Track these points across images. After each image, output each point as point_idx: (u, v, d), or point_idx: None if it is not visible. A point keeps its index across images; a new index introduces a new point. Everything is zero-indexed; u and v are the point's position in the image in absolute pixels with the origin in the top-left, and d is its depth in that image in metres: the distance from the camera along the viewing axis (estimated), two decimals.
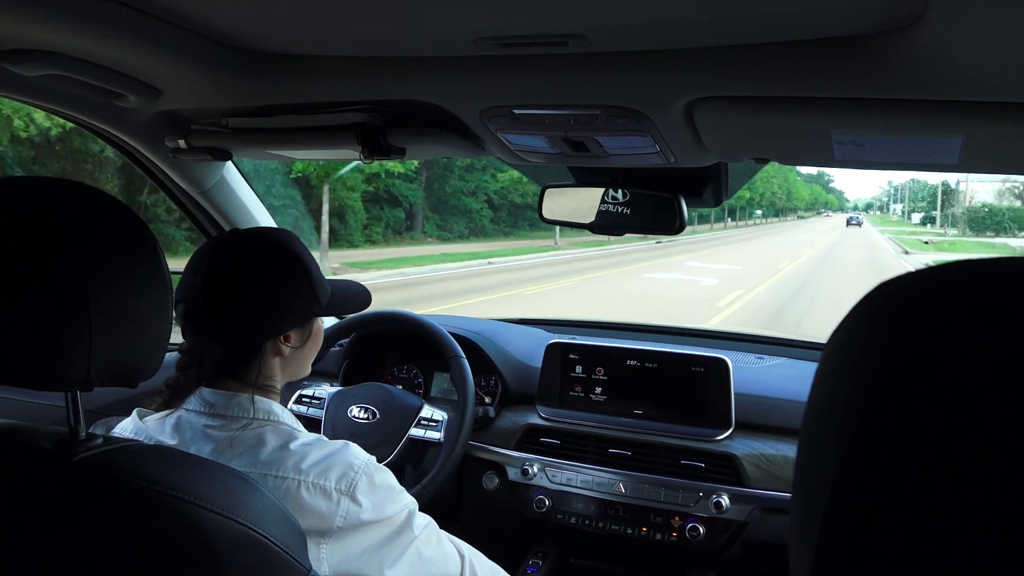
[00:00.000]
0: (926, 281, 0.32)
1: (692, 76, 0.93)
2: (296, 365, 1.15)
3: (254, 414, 1.02)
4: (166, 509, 0.69)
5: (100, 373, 0.72)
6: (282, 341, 1.08)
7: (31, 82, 1.13)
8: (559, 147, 1.22)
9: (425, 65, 1.03)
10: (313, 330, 1.15)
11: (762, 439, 1.65)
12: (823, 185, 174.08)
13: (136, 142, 1.51)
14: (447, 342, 1.77)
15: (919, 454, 0.28)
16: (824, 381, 0.35)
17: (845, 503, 0.30)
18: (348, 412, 1.74)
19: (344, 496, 0.96)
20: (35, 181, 0.74)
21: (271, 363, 1.09)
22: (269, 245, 1.08)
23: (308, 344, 1.15)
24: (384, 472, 1.04)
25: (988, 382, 0.27)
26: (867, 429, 0.29)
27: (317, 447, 0.99)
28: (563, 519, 1.72)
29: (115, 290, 0.72)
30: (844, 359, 0.33)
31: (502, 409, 1.89)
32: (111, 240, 0.74)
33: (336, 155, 1.44)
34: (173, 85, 1.18)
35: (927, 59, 0.78)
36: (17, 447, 0.74)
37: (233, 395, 1.03)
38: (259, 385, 1.06)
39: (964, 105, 0.87)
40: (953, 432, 0.27)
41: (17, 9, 0.87)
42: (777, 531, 1.56)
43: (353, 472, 0.98)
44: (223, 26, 0.98)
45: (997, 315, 0.28)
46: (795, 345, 2.11)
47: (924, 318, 0.30)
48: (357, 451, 1.03)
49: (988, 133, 0.95)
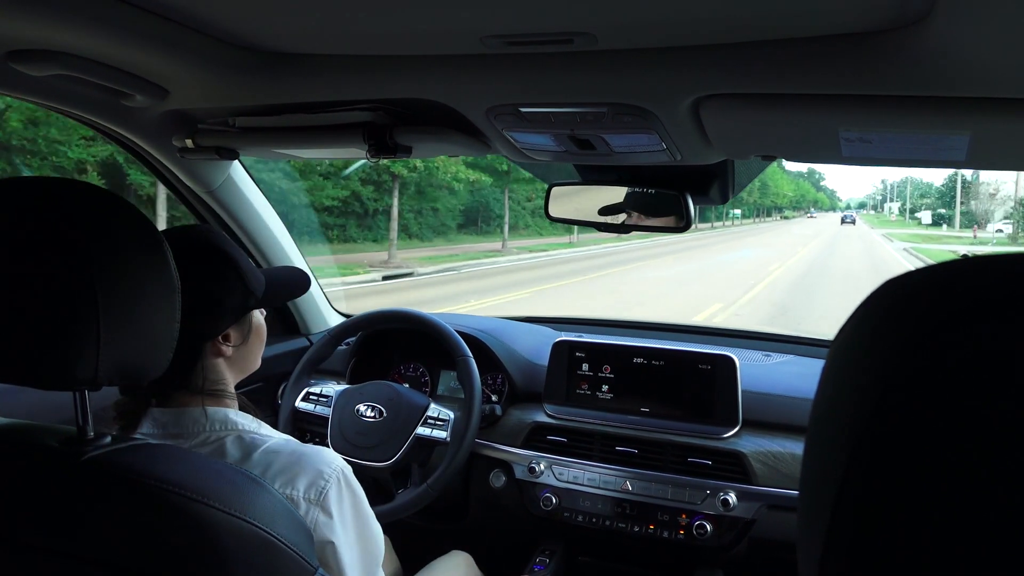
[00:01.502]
0: (935, 278, 0.32)
1: (699, 73, 0.93)
2: (244, 362, 1.09)
3: (210, 427, 0.98)
4: (174, 508, 0.69)
5: (108, 372, 0.72)
6: (221, 342, 1.02)
7: (39, 82, 1.14)
8: (565, 145, 1.22)
9: (431, 64, 1.03)
10: (253, 324, 1.09)
11: (769, 436, 1.64)
12: (813, 183, 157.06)
13: (143, 141, 1.52)
14: (454, 341, 1.78)
15: (927, 452, 0.28)
16: (831, 378, 0.35)
17: (852, 501, 0.30)
18: (355, 410, 1.75)
19: (314, 506, 0.91)
20: (44, 181, 0.74)
21: (215, 366, 1.03)
22: (187, 244, 1.00)
23: (251, 339, 1.08)
24: (357, 487, 0.99)
25: (997, 381, 0.27)
26: (874, 427, 0.29)
27: (284, 453, 0.94)
28: (570, 517, 1.72)
29: (123, 290, 0.73)
30: (851, 356, 0.33)
31: (509, 407, 1.89)
32: (119, 240, 0.74)
33: (343, 154, 1.44)
34: (180, 85, 1.18)
35: (935, 56, 0.78)
36: (25, 446, 0.75)
37: (183, 410, 0.98)
38: (208, 392, 1.01)
39: (972, 101, 0.87)
40: (961, 431, 0.27)
41: (26, 9, 0.87)
42: (784, 529, 1.56)
43: (323, 480, 0.93)
44: (230, 26, 0.99)
45: (1007, 312, 0.28)
46: (802, 342, 2.11)
47: (933, 315, 0.30)
48: (329, 456, 0.97)
49: (996, 129, 0.94)
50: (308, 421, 1.85)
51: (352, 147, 1.29)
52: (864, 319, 0.34)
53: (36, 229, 0.70)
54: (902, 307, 0.32)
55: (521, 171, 9.62)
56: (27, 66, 1.03)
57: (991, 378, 0.27)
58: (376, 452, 1.69)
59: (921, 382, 0.28)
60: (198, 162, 1.63)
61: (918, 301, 0.31)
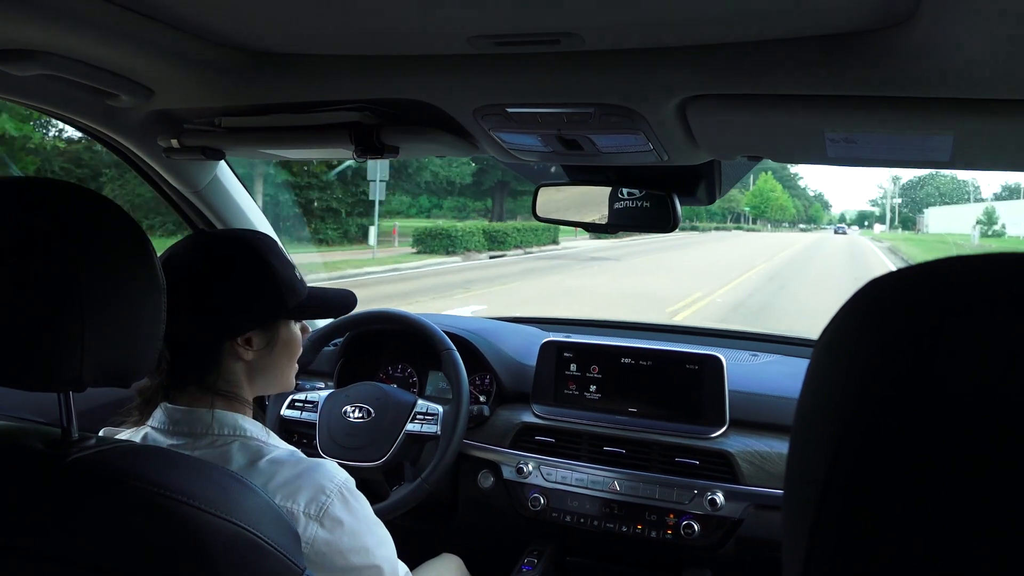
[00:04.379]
0: (920, 278, 0.32)
1: (685, 74, 0.93)
2: (267, 375, 1.07)
3: (218, 429, 0.97)
4: (160, 509, 0.69)
5: (93, 373, 0.72)
6: (241, 344, 1.01)
7: (22, 82, 1.12)
8: (552, 145, 1.22)
9: (419, 64, 1.03)
10: (282, 335, 1.07)
11: (756, 436, 1.65)
12: (792, 186, 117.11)
13: (129, 142, 1.50)
14: (437, 336, 1.77)
15: (910, 451, 0.28)
16: (815, 377, 0.35)
17: (836, 499, 0.30)
18: (342, 412, 1.74)
19: (313, 521, 0.90)
20: (28, 181, 0.73)
21: (232, 368, 1.02)
22: (229, 243, 1.03)
23: (278, 350, 1.07)
24: (361, 497, 0.98)
25: (981, 379, 0.27)
26: (857, 425, 0.29)
27: (287, 465, 0.93)
28: (558, 517, 1.72)
29: (108, 290, 0.72)
30: (835, 355, 0.33)
31: (497, 407, 1.89)
32: (104, 240, 0.73)
33: (330, 154, 1.44)
34: (165, 85, 1.18)
35: (919, 57, 0.78)
36: (9, 448, 0.74)
37: (193, 410, 0.98)
38: (220, 391, 1.00)
39: (955, 102, 0.87)
40: (944, 429, 0.27)
41: (9, 9, 0.87)
42: (772, 528, 1.56)
43: (324, 496, 0.92)
44: (216, 26, 0.98)
45: (990, 311, 0.28)
46: (789, 342, 2.12)
47: (917, 314, 0.30)
48: (332, 471, 0.95)
49: (979, 130, 0.95)
50: (295, 427, 1.84)
51: (339, 147, 1.29)
52: (848, 318, 0.34)
53: (20, 229, 0.69)
54: (885, 306, 0.32)
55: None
56: (10, 66, 1.02)
57: (975, 376, 0.27)
58: (367, 452, 1.68)
59: (904, 380, 0.29)
60: (184, 162, 1.62)
61: (902, 300, 0.31)
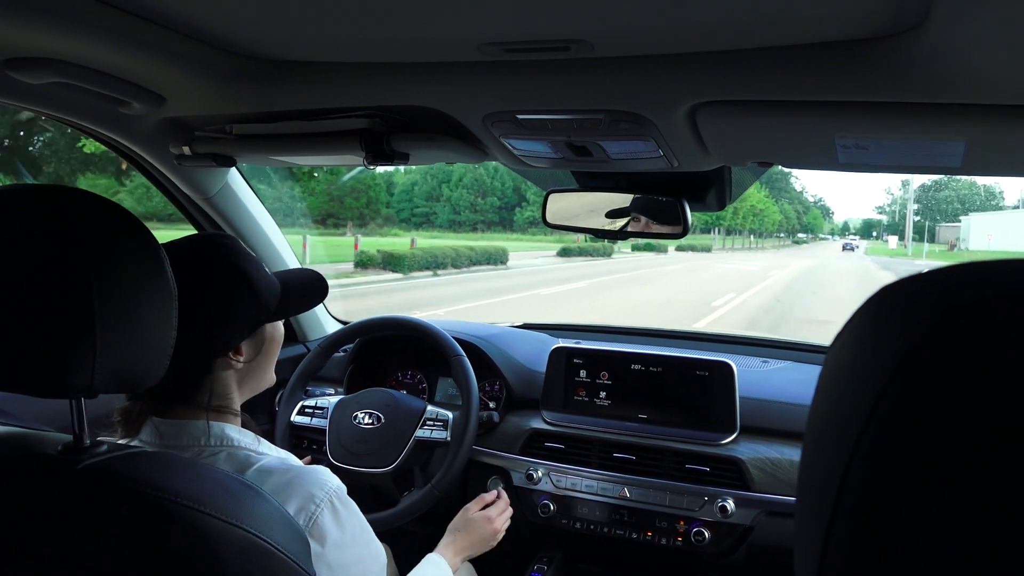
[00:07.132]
0: (933, 283, 0.32)
1: (695, 80, 0.93)
2: (256, 378, 1.07)
3: (204, 441, 0.96)
4: (171, 516, 0.69)
5: (105, 380, 0.72)
6: (232, 356, 1.01)
7: (36, 89, 1.13)
8: (562, 152, 1.22)
9: (429, 71, 1.03)
10: (267, 336, 1.07)
11: (767, 443, 1.64)
12: (782, 188, 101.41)
13: (140, 149, 1.52)
14: (447, 342, 1.78)
15: (924, 456, 0.28)
16: (828, 383, 0.35)
17: (849, 506, 0.30)
18: (352, 418, 1.74)
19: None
20: (41, 189, 0.74)
21: (224, 379, 1.01)
22: (199, 255, 0.98)
23: (265, 351, 1.07)
24: (352, 507, 0.97)
25: (993, 384, 0.27)
26: (871, 432, 0.29)
27: (277, 473, 0.92)
28: (568, 524, 1.71)
29: (120, 297, 0.72)
30: (847, 361, 0.33)
31: (506, 414, 1.89)
32: (116, 247, 0.74)
33: (340, 160, 1.45)
34: (177, 92, 1.18)
35: (930, 62, 0.78)
36: (22, 454, 0.74)
37: (184, 423, 0.97)
38: (213, 408, 0.99)
39: (967, 108, 0.87)
40: (958, 434, 0.27)
41: (22, 17, 0.87)
42: (783, 535, 1.55)
43: (314, 505, 0.91)
44: (227, 33, 0.99)
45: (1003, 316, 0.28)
46: (800, 348, 2.11)
47: (930, 318, 0.30)
48: (323, 478, 0.94)
49: (991, 136, 0.94)
50: (305, 433, 1.85)
51: (349, 154, 1.29)
52: (860, 325, 0.34)
53: (33, 236, 0.70)
54: (900, 311, 0.32)
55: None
56: (24, 74, 1.03)
57: (987, 381, 0.27)
58: (376, 458, 1.69)
59: (917, 386, 0.28)
60: (196, 169, 1.63)
61: (915, 305, 0.31)
